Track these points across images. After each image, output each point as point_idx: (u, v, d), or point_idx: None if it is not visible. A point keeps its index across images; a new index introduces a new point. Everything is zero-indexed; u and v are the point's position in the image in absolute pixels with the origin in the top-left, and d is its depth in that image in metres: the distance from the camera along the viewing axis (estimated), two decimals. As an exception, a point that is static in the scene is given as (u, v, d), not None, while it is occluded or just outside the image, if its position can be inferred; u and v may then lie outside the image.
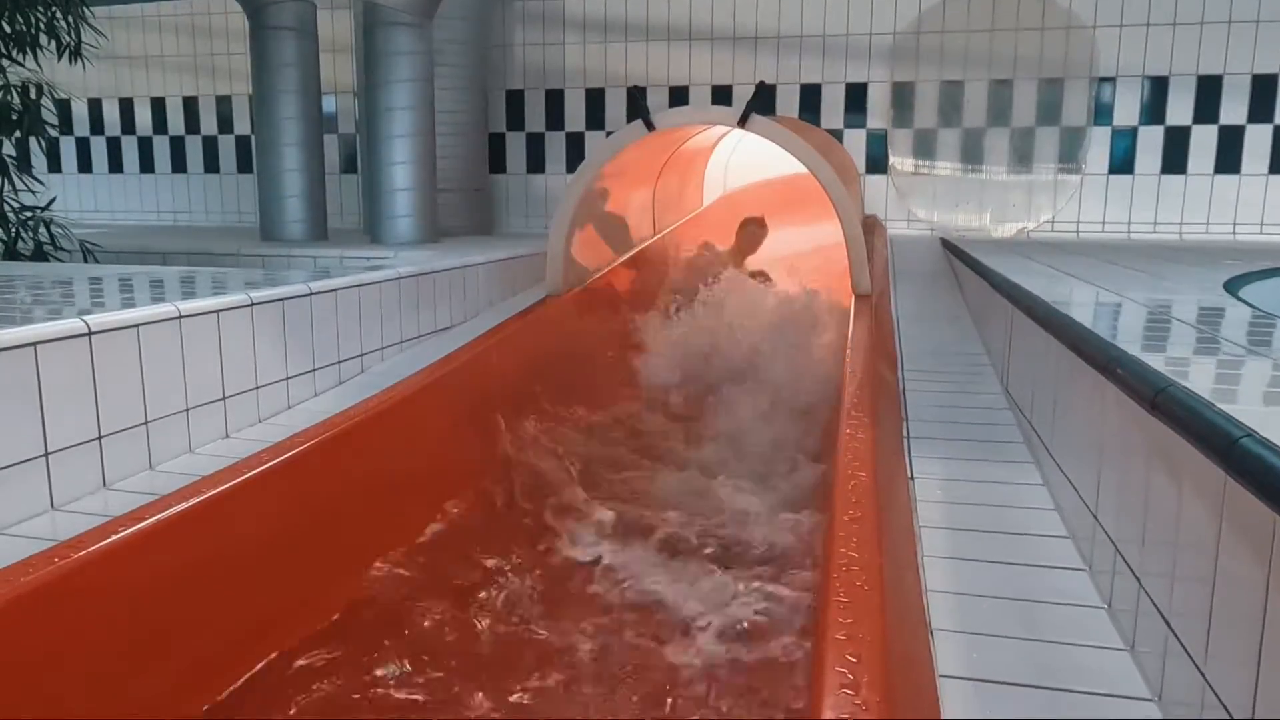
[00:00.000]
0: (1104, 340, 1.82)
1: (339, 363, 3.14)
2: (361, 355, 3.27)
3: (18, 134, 4.52)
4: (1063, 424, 2.09)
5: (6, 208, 4.39)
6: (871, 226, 5.77)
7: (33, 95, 4.49)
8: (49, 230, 4.43)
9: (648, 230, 5.76)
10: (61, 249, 4.48)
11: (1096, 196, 5.89)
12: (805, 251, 6.80)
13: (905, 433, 2.50)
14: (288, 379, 2.86)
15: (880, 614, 1.36)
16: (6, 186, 4.39)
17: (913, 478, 2.16)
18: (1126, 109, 5.80)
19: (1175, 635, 1.28)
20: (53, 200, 4.61)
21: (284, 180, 5.20)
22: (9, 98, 4.42)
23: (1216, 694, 1.14)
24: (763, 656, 2.03)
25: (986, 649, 1.44)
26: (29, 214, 4.41)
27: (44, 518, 2.00)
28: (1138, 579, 1.44)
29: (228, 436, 2.60)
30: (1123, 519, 1.57)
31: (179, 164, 7.29)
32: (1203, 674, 1.18)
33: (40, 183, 4.75)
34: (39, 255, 4.37)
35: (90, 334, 2.14)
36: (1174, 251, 4.76)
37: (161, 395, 2.35)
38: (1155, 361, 1.57)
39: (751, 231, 5.51)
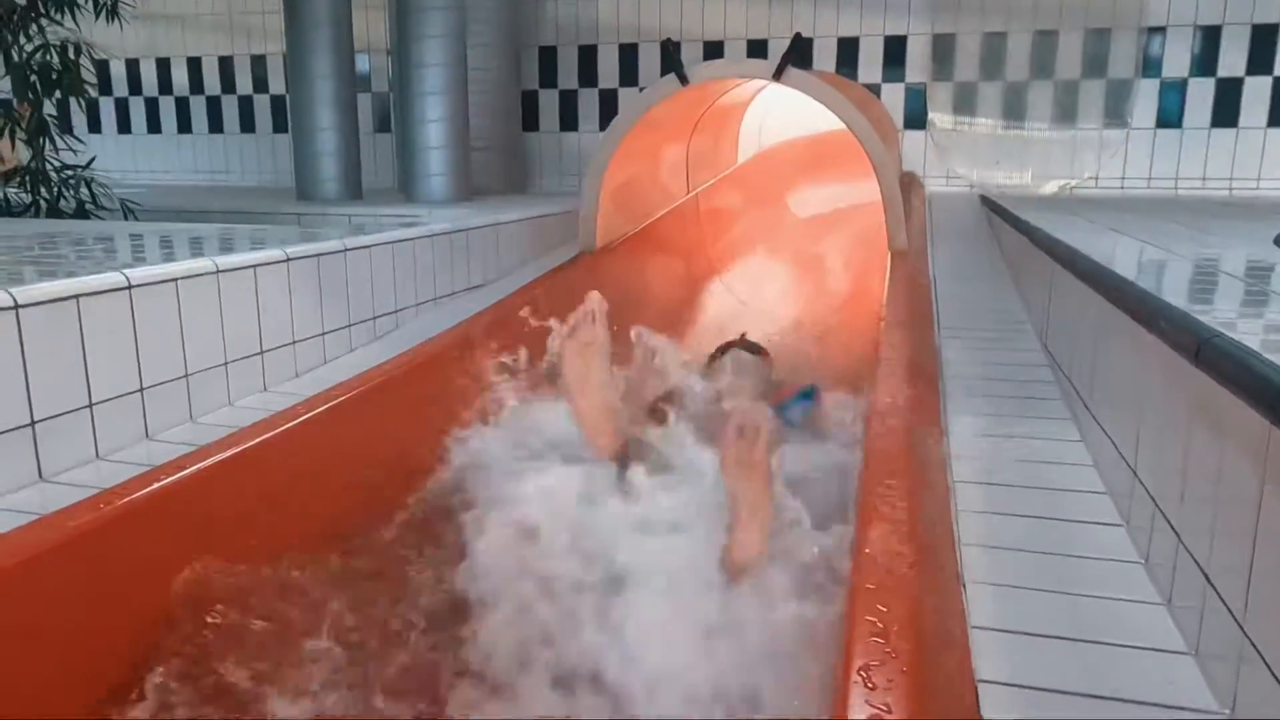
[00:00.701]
0: (1146, 292, 1.77)
1: (374, 318, 3.17)
2: (396, 311, 3.30)
3: (58, 94, 4.57)
4: (1102, 379, 2.05)
5: (48, 167, 4.47)
6: (909, 184, 5.68)
7: (72, 55, 4.53)
8: (90, 189, 4.49)
9: (680, 188, 5.72)
10: (102, 207, 4.55)
11: (1143, 151, 5.73)
12: (842, 209, 6.72)
13: (941, 389, 2.48)
14: (324, 334, 2.89)
15: (912, 567, 1.35)
16: (48, 146, 4.46)
17: (947, 433, 2.14)
18: (1176, 60, 5.61)
19: (1215, 589, 1.26)
20: (93, 159, 4.67)
21: (318, 139, 5.21)
22: (48, 57, 4.46)
23: (1256, 647, 1.12)
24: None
25: (1021, 601, 1.43)
26: (70, 173, 4.48)
27: (89, 467, 2.05)
28: (1176, 534, 1.42)
29: (265, 390, 2.64)
30: (1161, 474, 1.54)
31: (215, 124, 7.33)
32: (1242, 628, 1.16)
33: (81, 142, 4.82)
34: (80, 214, 4.44)
35: (130, 287, 2.17)
36: (1223, 207, 4.63)
37: (201, 349, 2.39)
38: (1200, 315, 1.53)
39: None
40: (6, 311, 1.88)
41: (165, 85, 7.38)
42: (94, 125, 7.44)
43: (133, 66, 7.39)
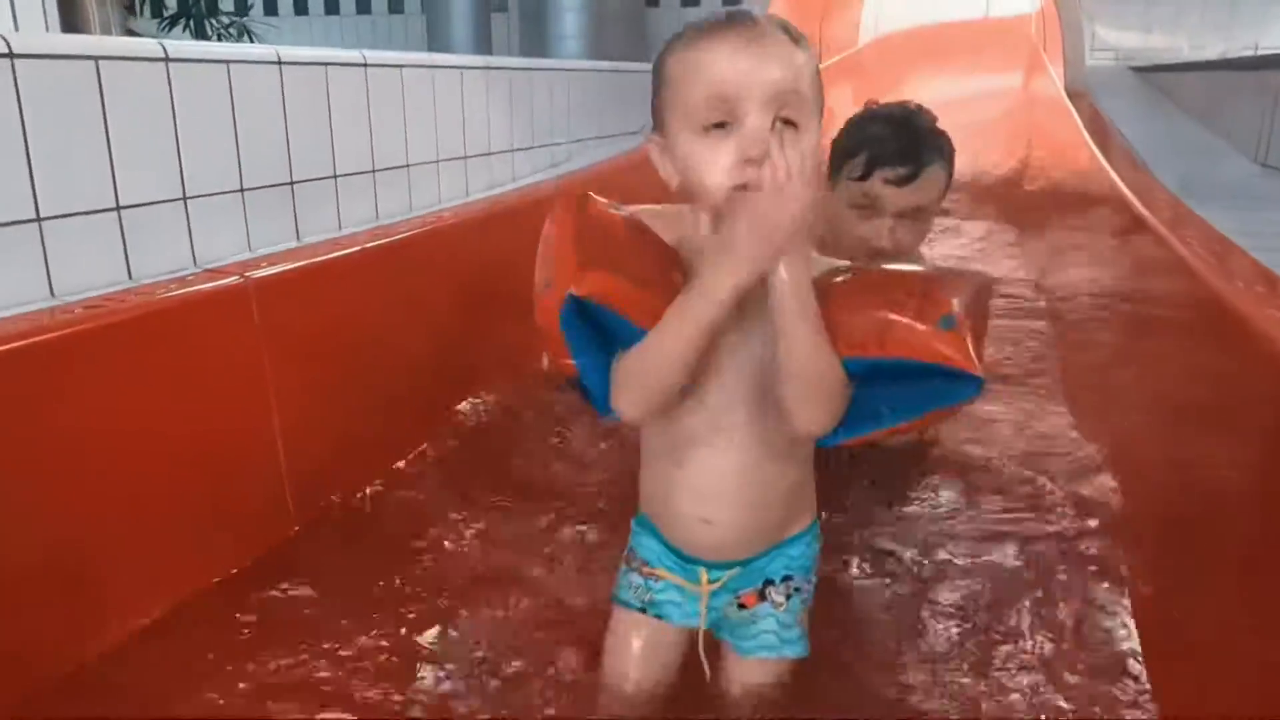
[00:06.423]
0: None
1: (550, 145, 3.19)
2: (570, 143, 3.32)
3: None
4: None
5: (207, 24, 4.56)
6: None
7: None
8: (250, 37, 4.59)
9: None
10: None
11: (1308, 17, 5.40)
12: (966, 99, 6.51)
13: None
14: (513, 151, 2.92)
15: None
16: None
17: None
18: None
19: None
20: (251, 6, 4.75)
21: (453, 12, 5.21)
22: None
23: None
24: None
25: None
26: (230, 19, 4.58)
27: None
28: None
29: (468, 195, 2.68)
30: None
31: (363, 4, 7.24)
32: None
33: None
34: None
35: (366, 65, 2.21)
36: None
37: (419, 143, 2.44)
38: None
39: None
40: (272, 65, 1.93)
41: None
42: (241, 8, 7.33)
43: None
